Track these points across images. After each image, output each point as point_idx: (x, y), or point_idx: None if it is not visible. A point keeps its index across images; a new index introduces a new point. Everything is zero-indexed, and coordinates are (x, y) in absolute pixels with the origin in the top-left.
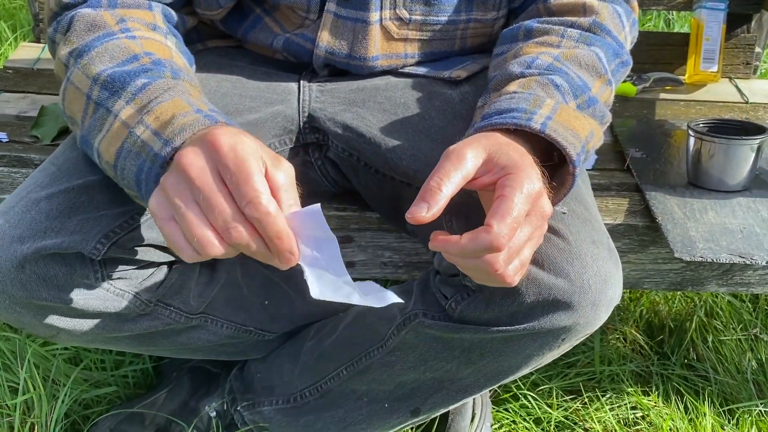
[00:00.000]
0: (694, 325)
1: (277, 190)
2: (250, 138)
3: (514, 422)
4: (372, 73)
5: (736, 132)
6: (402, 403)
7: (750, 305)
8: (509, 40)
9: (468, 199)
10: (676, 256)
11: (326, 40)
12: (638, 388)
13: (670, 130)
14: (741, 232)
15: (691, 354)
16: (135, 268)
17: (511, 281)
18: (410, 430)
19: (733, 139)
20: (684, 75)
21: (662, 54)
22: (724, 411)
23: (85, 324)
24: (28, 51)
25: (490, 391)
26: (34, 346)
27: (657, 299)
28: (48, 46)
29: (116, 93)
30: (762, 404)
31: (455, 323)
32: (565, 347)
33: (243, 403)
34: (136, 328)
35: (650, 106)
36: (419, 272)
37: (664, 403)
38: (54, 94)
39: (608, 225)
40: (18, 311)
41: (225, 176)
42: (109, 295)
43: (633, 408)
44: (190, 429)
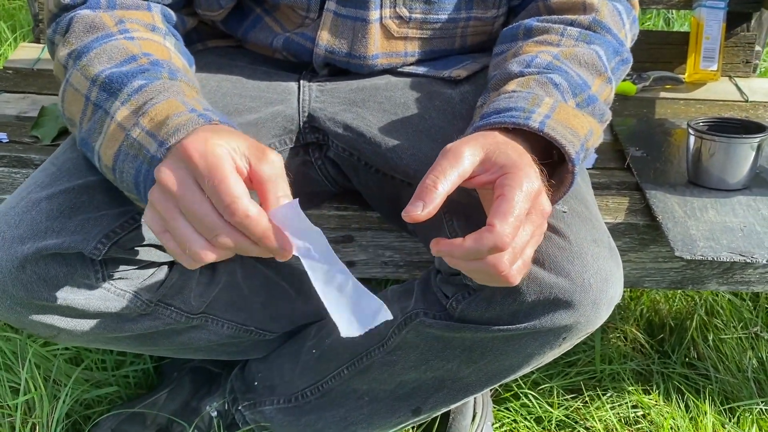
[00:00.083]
0: (694, 323)
1: (263, 184)
2: (224, 139)
3: (515, 421)
4: (372, 73)
5: (736, 130)
6: (403, 403)
7: (750, 304)
8: (509, 39)
9: (468, 198)
10: (677, 254)
11: (326, 39)
12: (639, 386)
13: (670, 129)
14: (741, 231)
15: (692, 352)
16: (136, 268)
17: (515, 281)
18: (411, 429)
19: (733, 138)
20: (684, 74)
21: (662, 53)
22: (724, 409)
23: (86, 324)
24: (28, 51)
25: (491, 390)
26: (35, 347)
27: (657, 298)
28: (47, 48)
29: (114, 94)
30: (763, 402)
31: (456, 322)
32: (566, 346)
33: (244, 403)
34: (137, 328)
35: (650, 104)
36: (420, 271)
37: (665, 402)
38: (54, 95)
39: (608, 224)
40: (19, 311)
41: (202, 184)
42: (110, 295)
43: (634, 407)
44: (191, 429)
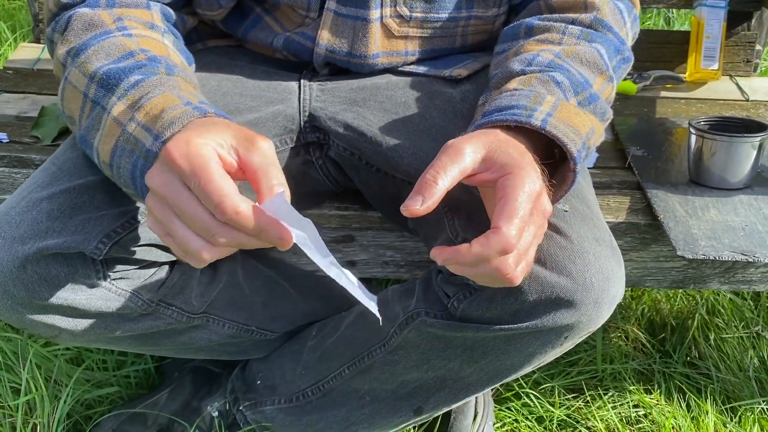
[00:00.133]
0: (695, 323)
1: (254, 173)
2: (209, 135)
3: (517, 421)
4: (372, 72)
5: (737, 129)
6: (404, 402)
7: (752, 303)
8: (510, 38)
9: (469, 197)
10: (679, 254)
11: (326, 39)
12: (640, 386)
13: (671, 128)
14: (743, 230)
15: (693, 352)
16: (137, 267)
17: (518, 282)
18: (413, 429)
19: (734, 137)
20: (684, 73)
21: (662, 52)
22: (726, 409)
23: (87, 324)
24: (27, 51)
25: (492, 389)
26: (36, 347)
27: (659, 297)
28: (47, 46)
29: (111, 90)
30: (764, 402)
31: (457, 322)
32: (567, 345)
33: (245, 403)
34: (138, 328)
35: (651, 104)
36: (421, 271)
37: (667, 401)
38: (54, 95)
39: (610, 223)
40: (20, 311)
41: (190, 186)
42: (111, 294)
43: (635, 406)
44: (192, 429)
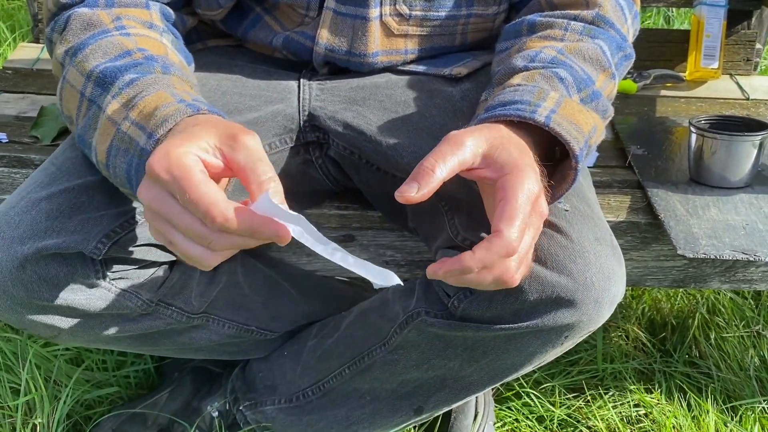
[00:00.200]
0: (696, 322)
1: (241, 172)
2: (191, 140)
3: (517, 420)
4: (372, 71)
5: (737, 128)
6: (405, 402)
7: (752, 302)
8: (513, 36)
9: (469, 196)
10: (679, 252)
11: (326, 38)
12: (641, 385)
13: (671, 127)
14: (744, 229)
15: (694, 351)
16: (136, 267)
17: (517, 283)
18: (413, 428)
19: (735, 136)
20: (684, 72)
21: (662, 51)
22: (727, 408)
23: (87, 324)
24: (27, 51)
25: (492, 389)
26: (36, 347)
27: (659, 296)
28: (46, 46)
29: (106, 89)
30: (765, 401)
31: (458, 321)
32: (567, 345)
33: (245, 403)
34: (138, 328)
35: (651, 103)
36: (421, 270)
37: (667, 401)
38: (53, 95)
39: (610, 222)
40: (19, 312)
41: (177, 198)
42: (111, 295)
43: (636, 405)
44: (193, 429)
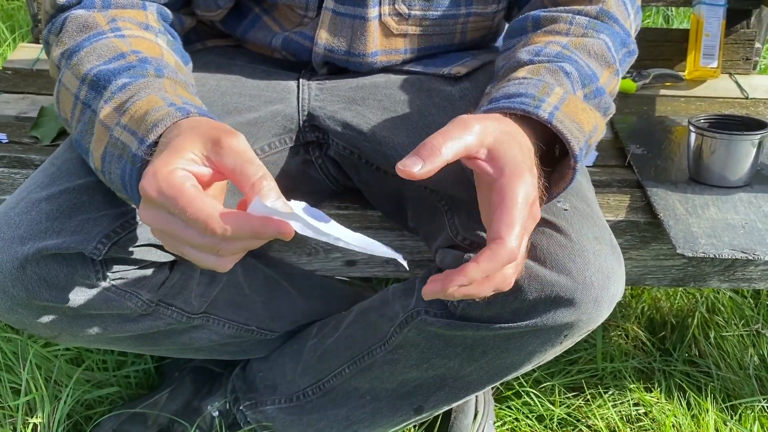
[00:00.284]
0: (695, 321)
1: (232, 176)
2: (178, 154)
3: (517, 419)
4: (371, 70)
5: (736, 127)
6: (405, 401)
7: (752, 301)
8: (518, 33)
9: (470, 195)
10: (679, 252)
11: (325, 38)
12: (640, 384)
13: (671, 126)
14: (743, 228)
15: (693, 350)
16: (136, 268)
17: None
18: (413, 428)
19: (734, 135)
20: (684, 71)
21: (662, 50)
22: (726, 407)
23: (87, 324)
24: (27, 52)
25: (492, 388)
26: (36, 347)
27: (658, 295)
28: (44, 48)
29: (100, 93)
30: (764, 400)
31: (458, 320)
32: (567, 344)
33: (246, 403)
34: (138, 329)
35: (650, 102)
36: (421, 270)
37: (667, 400)
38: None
39: (609, 222)
40: (19, 312)
41: (176, 215)
42: (111, 295)
43: (635, 404)
44: (193, 429)
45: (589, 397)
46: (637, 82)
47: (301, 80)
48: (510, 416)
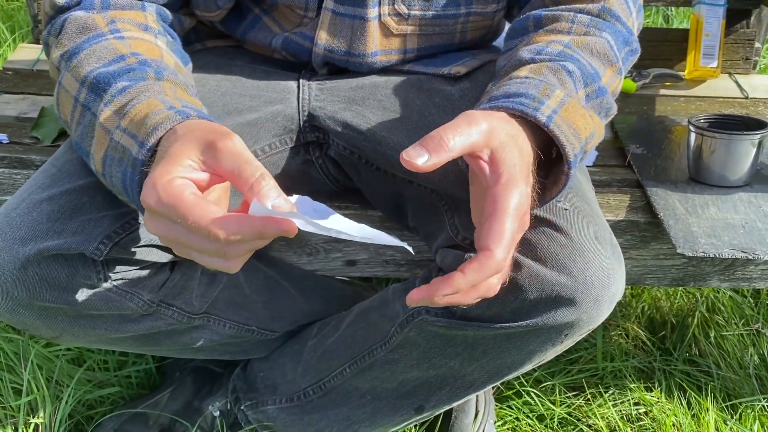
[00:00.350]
0: (696, 320)
1: (230, 178)
2: (171, 168)
3: (518, 419)
4: (371, 71)
5: (736, 127)
6: (406, 401)
7: (751, 300)
8: (520, 33)
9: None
10: (679, 251)
11: (324, 38)
12: (641, 384)
13: (671, 126)
14: (743, 227)
15: (694, 349)
16: (137, 268)
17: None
18: (414, 427)
19: (734, 135)
20: (684, 71)
21: (662, 50)
22: (726, 406)
23: (88, 325)
24: (27, 52)
25: (493, 388)
26: (37, 348)
27: (659, 295)
28: (43, 49)
29: (100, 95)
30: (765, 399)
31: (458, 320)
32: (567, 343)
33: (246, 403)
34: (139, 329)
35: (650, 102)
36: (421, 270)
37: (667, 399)
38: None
39: (609, 221)
40: (21, 313)
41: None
42: (112, 295)
43: (636, 404)
44: (194, 429)
45: (589, 396)
46: (637, 81)
47: (301, 80)
48: (510, 415)
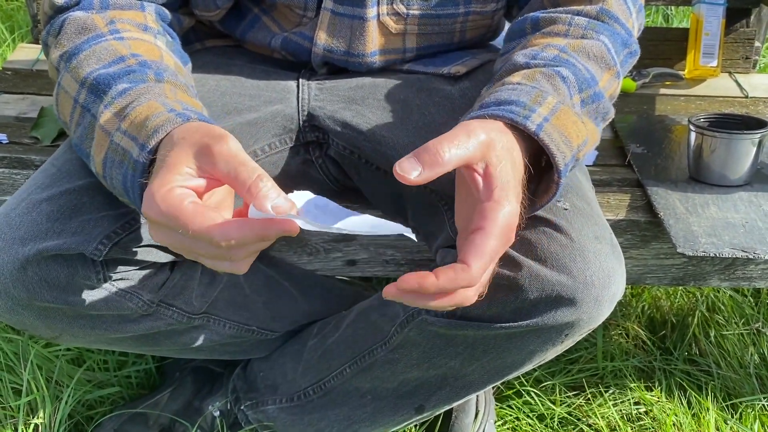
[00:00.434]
0: (696, 320)
1: (228, 181)
2: (168, 177)
3: (518, 419)
4: (371, 70)
5: (736, 126)
6: (406, 401)
7: (752, 299)
8: (517, 35)
9: None
10: (679, 251)
11: (324, 38)
12: (641, 383)
13: (671, 125)
14: (743, 227)
15: (694, 349)
16: (137, 268)
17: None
18: (414, 427)
19: (734, 134)
20: (684, 70)
21: (661, 49)
22: (727, 405)
23: (88, 325)
24: (26, 52)
25: (493, 387)
26: (37, 348)
27: (659, 294)
28: (42, 49)
29: (100, 97)
30: (765, 398)
31: (458, 320)
32: (568, 343)
33: (247, 403)
34: (139, 329)
35: (650, 101)
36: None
37: (667, 398)
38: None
39: (610, 221)
40: (20, 313)
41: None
42: (112, 296)
43: (636, 403)
44: (194, 429)
45: (589, 396)
46: (637, 81)
47: (300, 80)
48: (511, 415)
